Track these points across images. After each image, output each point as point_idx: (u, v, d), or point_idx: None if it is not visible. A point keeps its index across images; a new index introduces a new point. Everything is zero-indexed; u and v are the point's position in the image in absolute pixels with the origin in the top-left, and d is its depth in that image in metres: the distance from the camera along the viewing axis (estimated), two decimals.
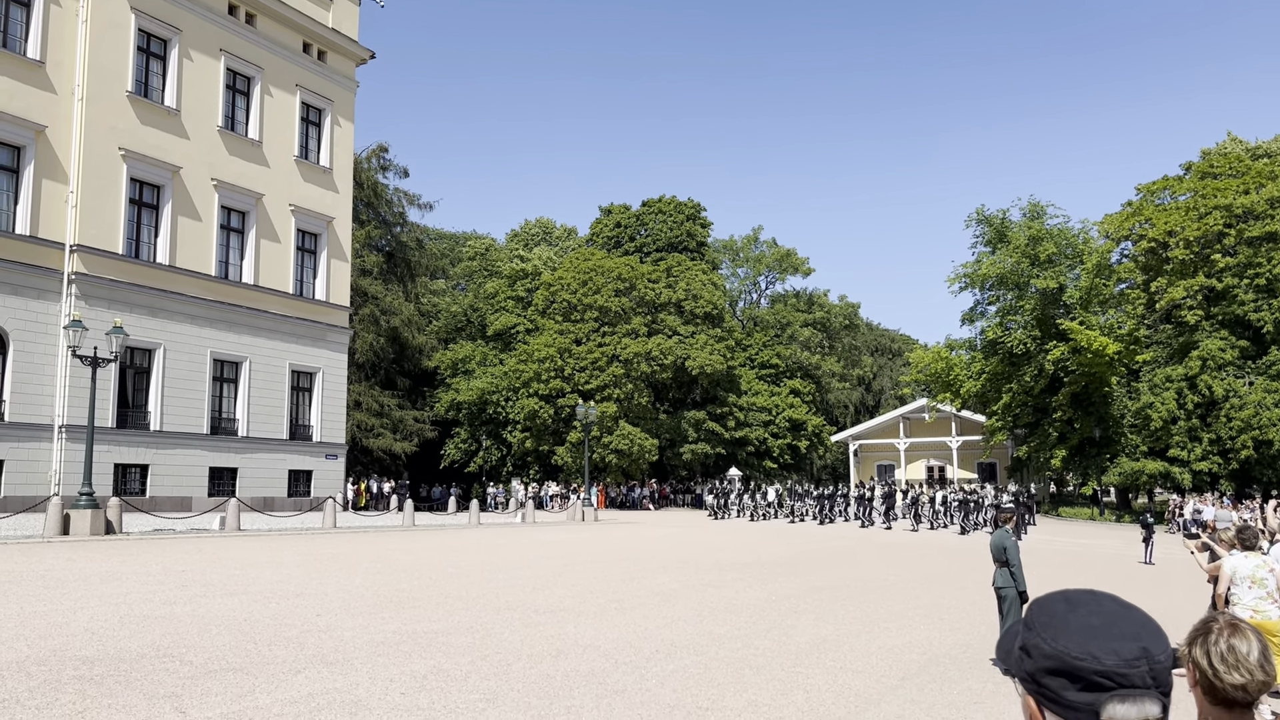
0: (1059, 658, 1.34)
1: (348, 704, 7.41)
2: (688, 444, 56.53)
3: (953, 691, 8.81)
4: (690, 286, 57.95)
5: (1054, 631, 1.36)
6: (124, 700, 7.26)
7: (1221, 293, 48.70)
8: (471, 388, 57.92)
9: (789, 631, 11.68)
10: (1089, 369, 46.18)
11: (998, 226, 52.10)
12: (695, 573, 18.27)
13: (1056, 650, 1.34)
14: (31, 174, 30.09)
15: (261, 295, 36.63)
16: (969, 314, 54.69)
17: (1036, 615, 1.41)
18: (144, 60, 33.49)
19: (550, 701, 7.74)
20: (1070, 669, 1.33)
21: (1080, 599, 1.41)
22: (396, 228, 61.70)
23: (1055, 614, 1.39)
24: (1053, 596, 1.44)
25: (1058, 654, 1.34)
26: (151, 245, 33.39)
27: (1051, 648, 1.35)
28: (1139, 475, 47.36)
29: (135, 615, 11.12)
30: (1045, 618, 1.40)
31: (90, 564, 16.43)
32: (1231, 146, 59.69)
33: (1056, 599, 1.43)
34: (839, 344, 74.62)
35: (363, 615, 11.75)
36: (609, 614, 12.60)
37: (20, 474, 29.21)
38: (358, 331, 50.57)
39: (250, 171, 36.55)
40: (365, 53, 41.98)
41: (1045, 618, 1.40)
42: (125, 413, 32.06)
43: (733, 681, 8.77)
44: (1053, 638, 1.36)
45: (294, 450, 37.54)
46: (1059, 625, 1.37)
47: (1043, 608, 1.42)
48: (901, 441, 63.74)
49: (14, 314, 29.45)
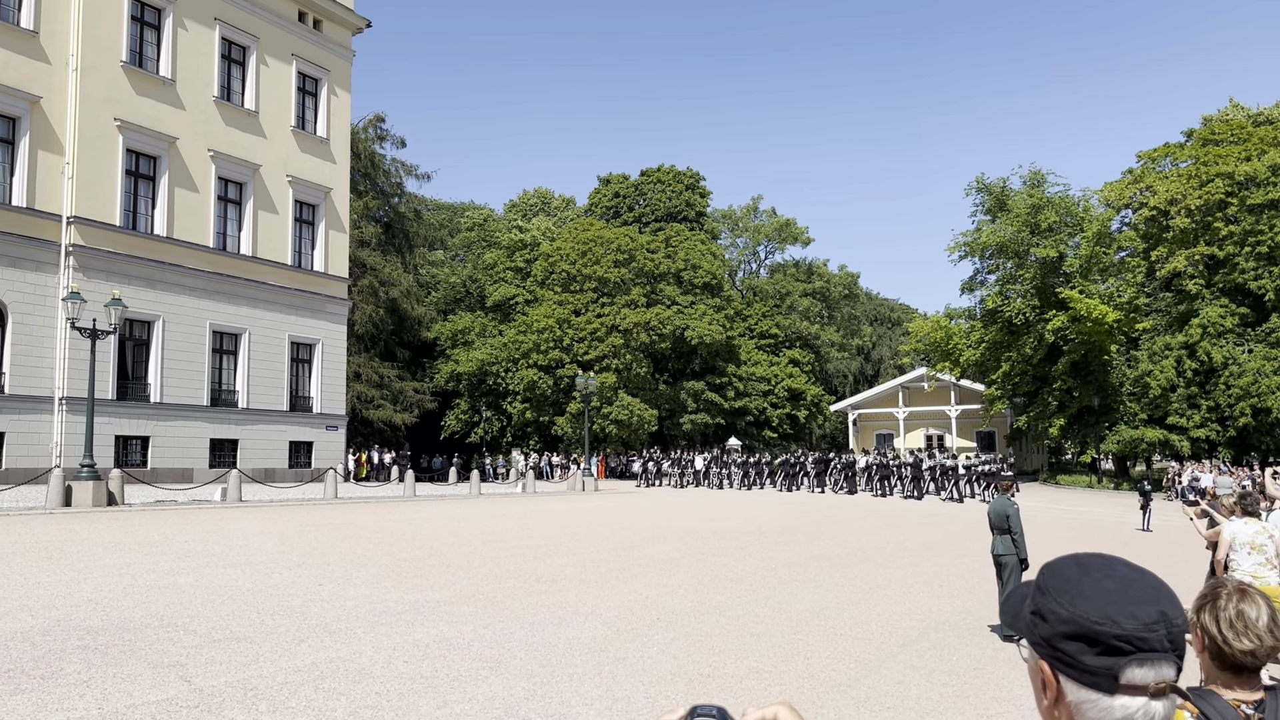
0: (1076, 622, 1.32)
1: (351, 672, 7.46)
2: (687, 414, 56.63)
3: (953, 658, 8.88)
4: (689, 256, 57.81)
5: (1070, 596, 1.34)
6: (129, 669, 7.31)
7: (1222, 260, 48.60)
8: (471, 359, 57.92)
9: (789, 599, 11.75)
10: (1088, 337, 46.18)
11: (998, 195, 51.90)
12: (695, 541, 18.35)
13: (1074, 614, 1.32)
14: (27, 145, 29.89)
15: (260, 267, 36.52)
16: (968, 283, 54.63)
17: (1049, 580, 1.39)
18: (138, 30, 33.17)
19: (552, 669, 7.80)
20: (1089, 633, 1.31)
21: (1092, 562, 1.39)
22: (394, 198, 61.43)
23: (1069, 578, 1.37)
24: (1063, 560, 1.42)
25: (1075, 618, 1.32)
26: (149, 217, 33.24)
27: (1068, 612, 1.33)
28: (1138, 443, 47.49)
29: (139, 585, 11.18)
30: (1059, 582, 1.37)
31: (93, 535, 16.50)
32: (1233, 113, 59.26)
33: (1068, 563, 1.41)
34: (838, 313, 74.57)
35: (365, 585, 11.81)
36: (610, 582, 12.66)
37: (21, 446, 29.26)
38: (357, 303, 50.48)
39: (247, 142, 36.31)
40: (361, 21, 41.59)
41: (1059, 582, 1.37)
42: (125, 385, 32.06)
43: (734, 648, 8.83)
44: (1069, 602, 1.34)
45: (294, 422, 37.59)
46: (1074, 589, 1.35)
47: (1054, 572, 1.40)
48: (900, 410, 63.84)
49: (12, 286, 29.37)
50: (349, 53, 41.34)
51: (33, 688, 6.70)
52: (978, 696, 7.53)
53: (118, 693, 6.66)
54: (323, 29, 40.05)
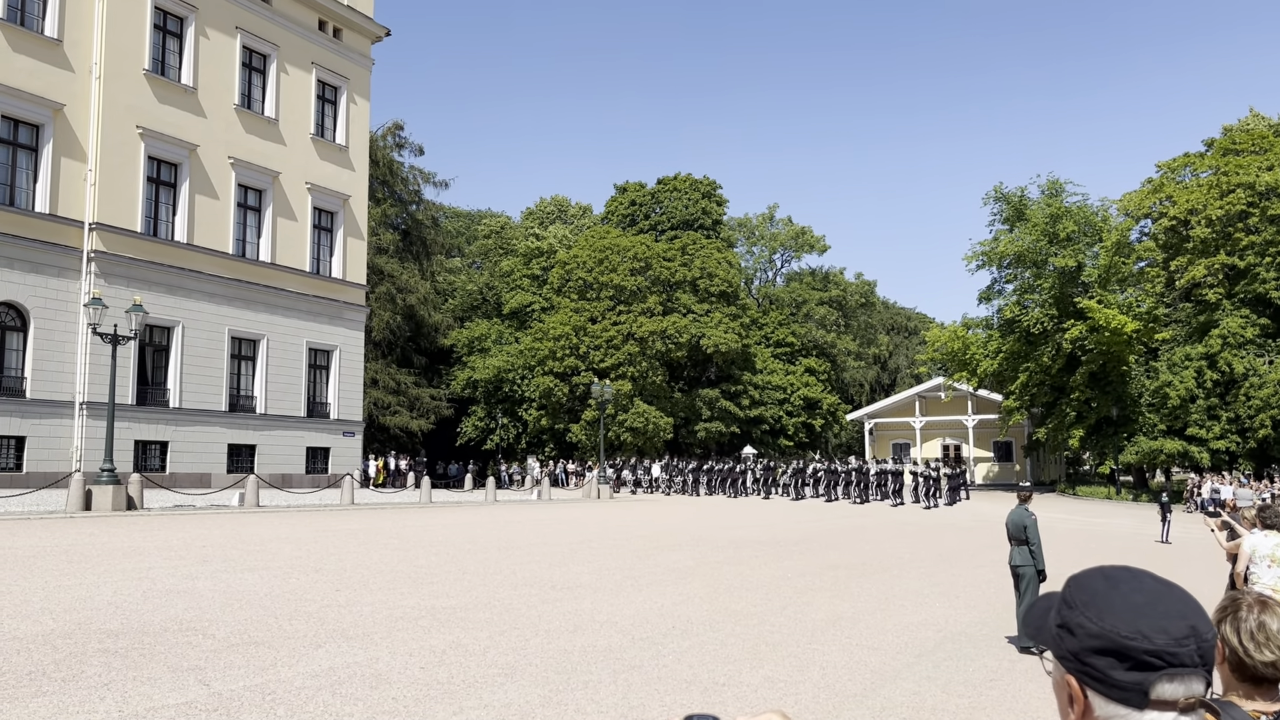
0: (1107, 636, 1.30)
1: (368, 677, 7.49)
2: (702, 422, 56.56)
3: (969, 669, 8.83)
4: (705, 265, 57.81)
5: (1098, 610, 1.32)
6: (148, 672, 7.36)
7: (1243, 271, 48.21)
8: (487, 366, 58.06)
9: (804, 609, 11.72)
10: (1107, 348, 45.88)
11: (1016, 204, 51.68)
12: (710, 550, 18.33)
13: (1103, 629, 1.31)
14: (50, 152, 30.23)
15: (279, 273, 36.77)
16: (986, 292, 54.39)
17: (1076, 593, 1.37)
18: (161, 38, 33.52)
19: (567, 676, 7.81)
20: (1119, 648, 1.29)
21: (1120, 576, 1.37)
22: (412, 206, 61.72)
23: (1097, 591, 1.35)
24: (1090, 573, 1.40)
25: (1105, 632, 1.30)
26: (169, 223, 33.54)
27: (1098, 626, 1.31)
28: (1157, 454, 47.11)
29: (158, 589, 11.26)
30: (1087, 595, 1.35)
31: (113, 539, 16.62)
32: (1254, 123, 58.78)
33: (1095, 576, 1.39)
34: (854, 322, 74.40)
35: (381, 590, 11.85)
36: (625, 590, 12.66)
37: (42, 450, 29.52)
38: (374, 309, 50.71)
39: (267, 150, 36.60)
40: (381, 30, 41.88)
41: (1087, 595, 1.35)
42: (145, 390, 32.31)
43: (749, 657, 8.82)
44: (1098, 616, 1.32)
45: (312, 427, 37.78)
46: (1103, 603, 1.33)
47: (1082, 585, 1.38)
48: (917, 420, 63.58)
49: (35, 292, 29.67)
50: (368, 61, 41.62)
51: (54, 690, 6.77)
52: (994, 708, 7.50)
53: (137, 696, 6.71)
54: (342, 37, 40.35)
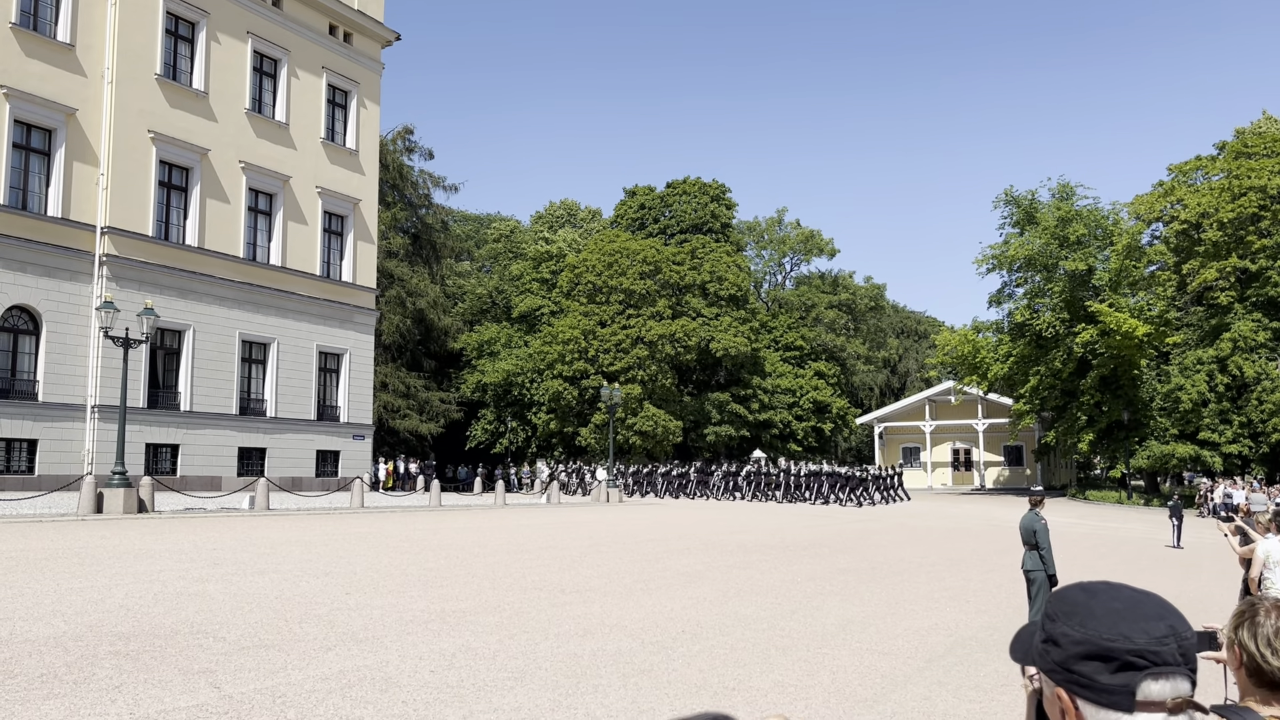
0: (1090, 641, 1.35)
1: (378, 681, 7.50)
2: (711, 426, 56.53)
3: (980, 674, 8.80)
4: (714, 268, 57.82)
5: (1080, 618, 1.38)
6: (160, 675, 7.39)
7: (1255, 274, 47.99)
8: (497, 369, 58.16)
9: (814, 613, 11.70)
10: (1118, 351, 45.71)
11: (1026, 207, 51.58)
12: (720, 554, 18.30)
13: (1087, 635, 1.35)
14: (62, 156, 30.39)
15: (289, 277, 36.88)
16: (996, 296, 54.30)
17: (1058, 606, 1.43)
18: (172, 43, 33.68)
19: (577, 680, 7.81)
20: (1103, 651, 1.34)
21: (1097, 587, 1.43)
22: (422, 210, 61.89)
23: (1077, 603, 1.41)
24: (1069, 589, 1.47)
25: (1088, 638, 1.35)
26: (181, 227, 33.68)
27: (1081, 633, 1.36)
28: (1168, 459, 46.90)
29: (169, 592, 11.29)
30: (1068, 607, 1.41)
31: (124, 542, 16.68)
32: (1266, 125, 58.51)
33: (1074, 590, 1.45)
34: (864, 326, 74.29)
35: (391, 594, 11.87)
36: (635, 594, 12.66)
37: (54, 453, 29.66)
38: (384, 313, 50.84)
39: (277, 154, 36.74)
40: (391, 34, 42.00)
41: (1068, 607, 1.41)
42: (156, 393, 32.43)
43: (759, 662, 8.80)
44: (1080, 624, 1.37)
45: (322, 431, 37.87)
46: (1084, 612, 1.38)
47: (1063, 599, 1.44)
48: (927, 424, 63.45)
49: (47, 295, 29.82)
50: (378, 65, 41.75)
51: (65, 693, 6.79)
52: (1005, 713, 7.47)
53: (149, 698, 6.73)
54: (353, 42, 40.49)
